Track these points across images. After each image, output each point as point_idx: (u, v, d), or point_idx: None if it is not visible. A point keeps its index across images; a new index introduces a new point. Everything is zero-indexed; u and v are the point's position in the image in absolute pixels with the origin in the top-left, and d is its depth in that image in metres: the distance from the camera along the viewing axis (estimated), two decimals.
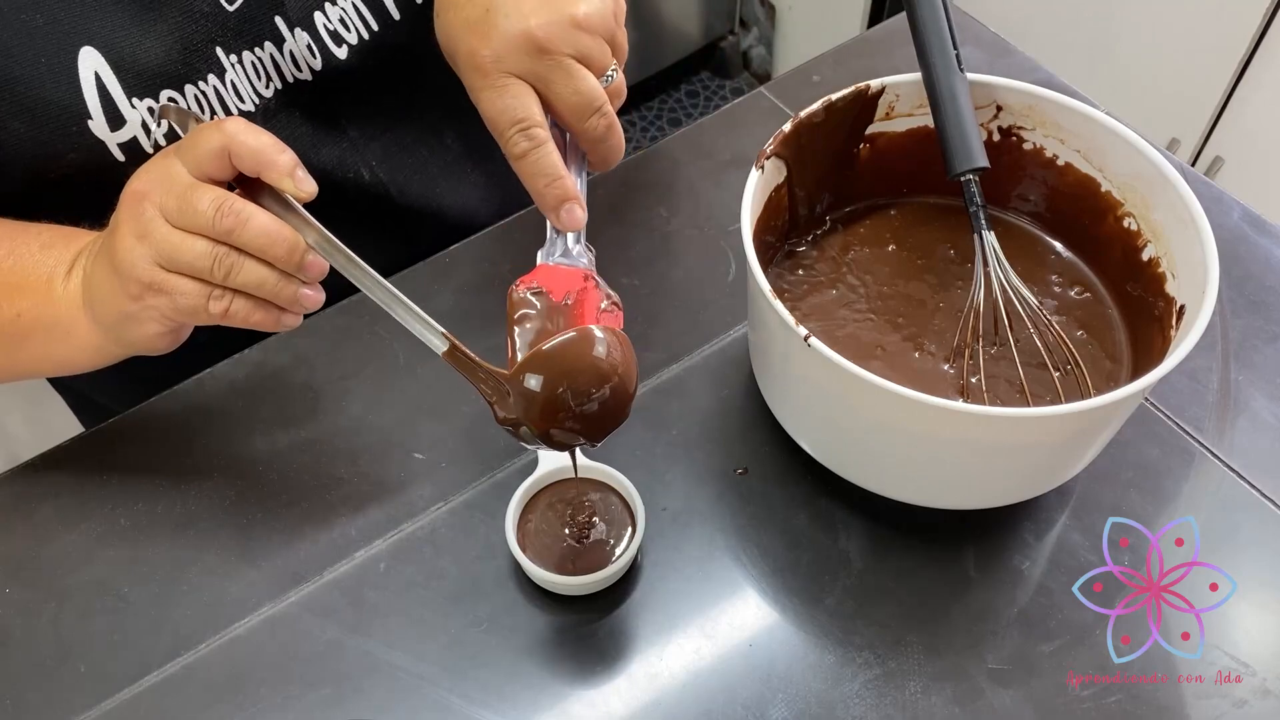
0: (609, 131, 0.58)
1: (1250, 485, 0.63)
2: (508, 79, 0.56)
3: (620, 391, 0.52)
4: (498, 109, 0.56)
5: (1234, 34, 1.29)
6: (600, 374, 0.51)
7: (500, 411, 0.53)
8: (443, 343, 0.53)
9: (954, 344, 0.63)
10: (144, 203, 0.52)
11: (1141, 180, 0.62)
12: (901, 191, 0.70)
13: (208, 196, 0.51)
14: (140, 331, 0.56)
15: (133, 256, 0.52)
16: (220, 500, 0.65)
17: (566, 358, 0.51)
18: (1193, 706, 0.56)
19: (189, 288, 0.53)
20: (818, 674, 0.58)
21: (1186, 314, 0.57)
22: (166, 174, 0.52)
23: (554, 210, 0.57)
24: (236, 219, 0.51)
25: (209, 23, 0.65)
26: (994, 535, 0.62)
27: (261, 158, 0.51)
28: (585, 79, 0.56)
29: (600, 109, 0.57)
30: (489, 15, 0.56)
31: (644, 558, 0.62)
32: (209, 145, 0.51)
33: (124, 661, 0.59)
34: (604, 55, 0.57)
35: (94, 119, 0.62)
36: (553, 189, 0.56)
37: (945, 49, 0.63)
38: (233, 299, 0.54)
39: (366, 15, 0.70)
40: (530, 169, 0.56)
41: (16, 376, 0.67)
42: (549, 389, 0.51)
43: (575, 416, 0.51)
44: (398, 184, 0.78)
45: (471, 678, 0.58)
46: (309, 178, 0.52)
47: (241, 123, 0.52)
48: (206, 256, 0.52)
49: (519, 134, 0.56)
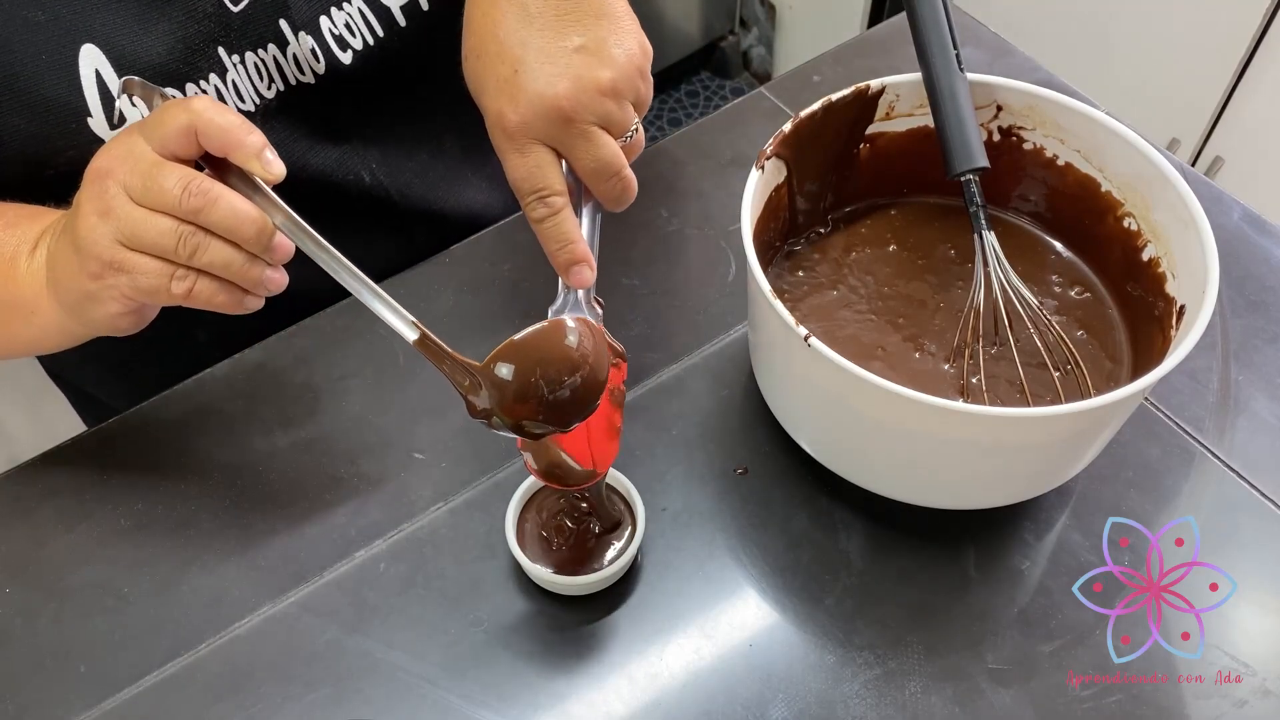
0: (623, 191, 0.59)
1: (1250, 485, 0.63)
2: (531, 144, 0.56)
3: (590, 379, 0.53)
4: (521, 174, 0.57)
5: (1234, 34, 1.29)
6: (572, 362, 0.52)
7: (472, 399, 0.53)
8: (413, 331, 0.53)
9: (954, 344, 0.63)
10: (107, 180, 0.51)
11: (1141, 180, 0.62)
12: (902, 191, 0.70)
13: (174, 175, 0.50)
14: (101, 311, 0.55)
15: (94, 234, 0.51)
16: (220, 500, 0.65)
17: (539, 347, 0.52)
18: (1193, 706, 0.56)
19: (151, 266, 0.52)
20: (818, 674, 0.58)
21: (1186, 314, 0.57)
22: (130, 151, 0.51)
23: (565, 271, 0.58)
24: (204, 198, 0.50)
25: (212, 23, 0.65)
26: (994, 535, 0.62)
27: (229, 137, 0.50)
28: (605, 147, 0.57)
29: (617, 173, 0.58)
30: (516, 77, 0.56)
31: (644, 558, 0.62)
32: (175, 123, 0.50)
33: (124, 661, 0.59)
34: (626, 118, 0.57)
35: (93, 116, 0.62)
36: (564, 253, 0.58)
37: (945, 49, 0.63)
38: (196, 279, 0.52)
39: (373, 21, 0.70)
40: (546, 234, 0.58)
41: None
42: (521, 377, 0.52)
43: (547, 404, 0.52)
44: (398, 187, 0.78)
45: (471, 678, 0.58)
46: (278, 159, 0.51)
47: (208, 100, 0.51)
48: (171, 235, 0.51)
49: (538, 201, 0.57)
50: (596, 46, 0.56)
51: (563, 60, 0.55)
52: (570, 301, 0.59)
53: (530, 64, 0.55)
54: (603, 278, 0.60)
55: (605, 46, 0.56)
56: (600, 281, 0.60)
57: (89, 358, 0.80)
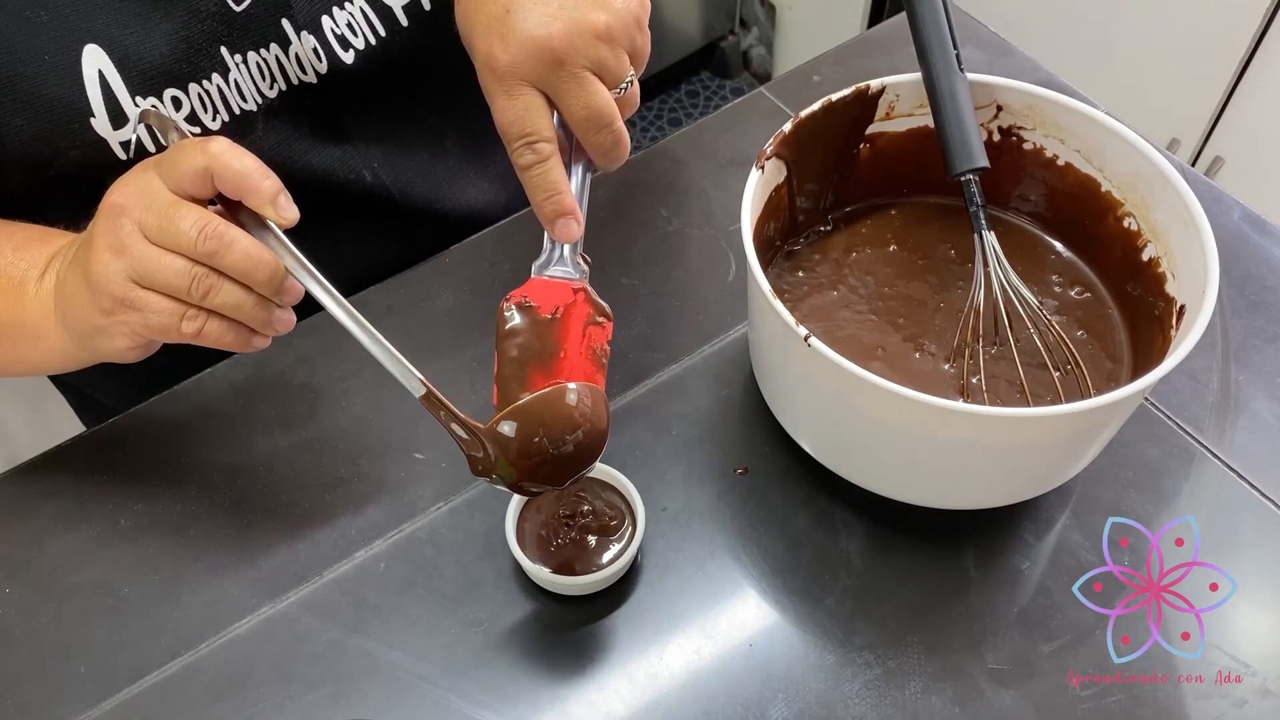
0: (615, 145, 0.57)
1: (1250, 485, 0.63)
2: (521, 86, 0.55)
3: (592, 435, 0.54)
4: (508, 118, 0.56)
5: (1234, 34, 1.29)
6: (573, 422, 0.53)
7: (474, 455, 0.54)
8: (419, 387, 0.54)
9: (954, 344, 0.63)
10: (122, 217, 0.51)
11: (1141, 180, 0.62)
12: (902, 191, 0.70)
13: (190, 217, 0.50)
14: (109, 345, 0.55)
15: (107, 271, 0.52)
16: (220, 500, 0.65)
17: (541, 409, 0.53)
18: (1193, 706, 0.56)
19: (163, 306, 0.52)
20: (818, 674, 0.58)
21: (1186, 314, 0.57)
22: (146, 189, 0.51)
23: (550, 222, 0.57)
24: (220, 242, 0.50)
25: (215, 22, 0.65)
26: (994, 535, 0.62)
27: (244, 183, 0.50)
28: (597, 94, 0.55)
29: (609, 124, 0.56)
30: (509, 16, 0.55)
31: (644, 558, 0.62)
32: (191, 165, 0.50)
33: (124, 661, 0.59)
34: (621, 67, 0.56)
35: (96, 117, 0.62)
36: (550, 203, 0.56)
37: (945, 49, 0.63)
38: (206, 319, 0.53)
39: (374, 21, 0.70)
40: (532, 182, 0.56)
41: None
42: (524, 435, 0.53)
43: (549, 460, 0.54)
44: (399, 186, 0.77)
45: (471, 678, 0.58)
46: (291, 204, 0.52)
47: (225, 143, 0.51)
48: (184, 276, 0.51)
49: (525, 146, 0.56)
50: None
51: (557, 2, 0.54)
52: (555, 257, 0.58)
53: (524, 4, 0.54)
54: (603, 277, 0.60)
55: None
56: (600, 281, 0.60)
57: None
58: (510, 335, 0.55)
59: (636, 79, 0.58)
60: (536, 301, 0.56)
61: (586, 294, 0.56)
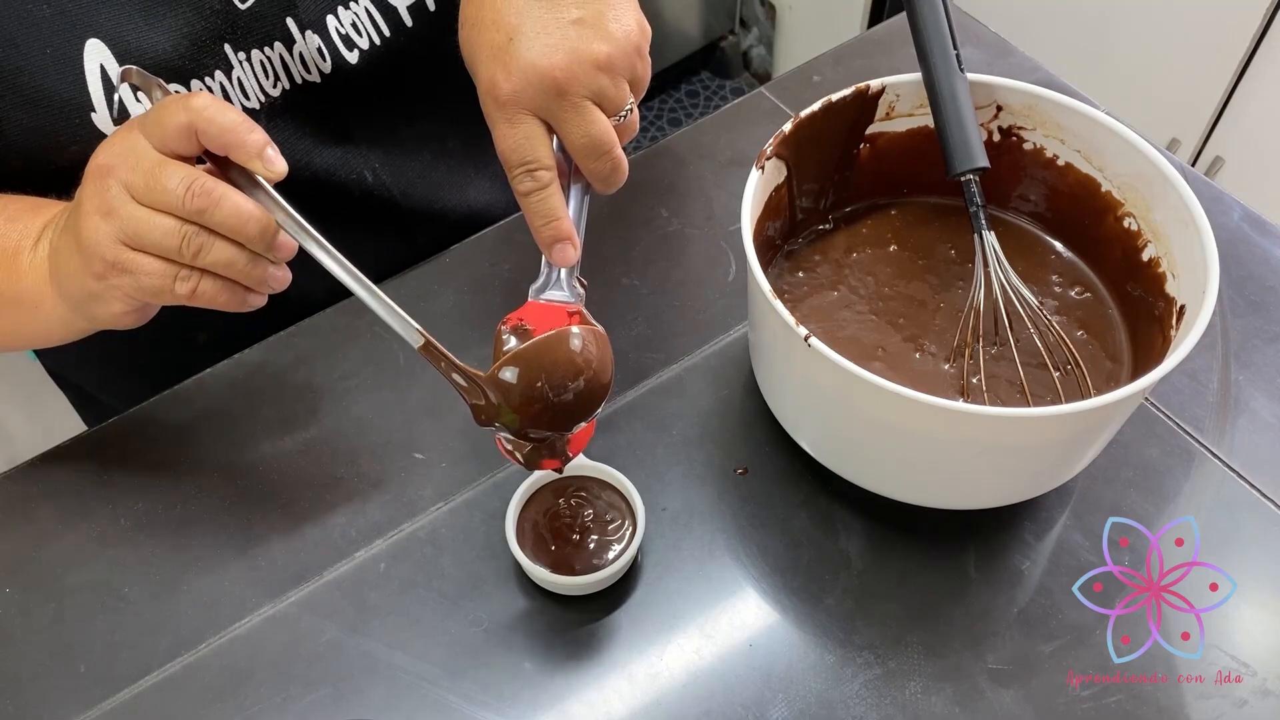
0: (613, 172, 0.58)
1: (1250, 485, 0.63)
2: (522, 114, 0.55)
3: (594, 383, 0.54)
4: (509, 145, 0.56)
5: (1234, 34, 1.29)
6: (575, 367, 0.53)
7: (476, 404, 0.53)
8: (417, 338, 0.52)
9: (954, 344, 0.63)
10: (109, 178, 0.51)
11: (1141, 180, 0.62)
12: (902, 191, 0.70)
13: (177, 175, 0.49)
14: (105, 309, 0.55)
15: (97, 235, 0.51)
16: (220, 500, 0.65)
17: (543, 353, 0.53)
18: (1193, 706, 0.56)
19: (155, 267, 0.51)
20: (818, 674, 0.58)
21: (1186, 314, 0.57)
22: (132, 149, 0.51)
23: (548, 247, 0.58)
24: (208, 199, 0.49)
25: (219, 20, 0.65)
26: (994, 535, 0.62)
27: (230, 137, 0.49)
28: (597, 123, 0.55)
29: (608, 152, 0.56)
30: (511, 45, 0.55)
31: (644, 558, 0.62)
32: (175, 121, 0.49)
33: (124, 661, 0.59)
34: (621, 96, 0.56)
35: (97, 111, 0.62)
36: (549, 229, 0.57)
37: (945, 49, 0.63)
38: (200, 279, 0.52)
39: (379, 21, 0.70)
40: (532, 208, 0.57)
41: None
42: (526, 381, 0.52)
43: (551, 407, 0.53)
44: (400, 186, 0.78)
45: (471, 678, 0.58)
46: (279, 156, 0.51)
47: (208, 98, 0.50)
48: (174, 235, 0.50)
49: (525, 174, 0.56)
50: (595, 20, 0.55)
51: (559, 31, 0.54)
52: (552, 280, 0.58)
53: (526, 33, 0.55)
54: (603, 277, 0.60)
55: (604, 21, 0.55)
56: (600, 281, 0.60)
57: (89, 357, 0.80)
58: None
59: (636, 106, 0.59)
60: (532, 325, 0.56)
61: (582, 317, 0.56)
